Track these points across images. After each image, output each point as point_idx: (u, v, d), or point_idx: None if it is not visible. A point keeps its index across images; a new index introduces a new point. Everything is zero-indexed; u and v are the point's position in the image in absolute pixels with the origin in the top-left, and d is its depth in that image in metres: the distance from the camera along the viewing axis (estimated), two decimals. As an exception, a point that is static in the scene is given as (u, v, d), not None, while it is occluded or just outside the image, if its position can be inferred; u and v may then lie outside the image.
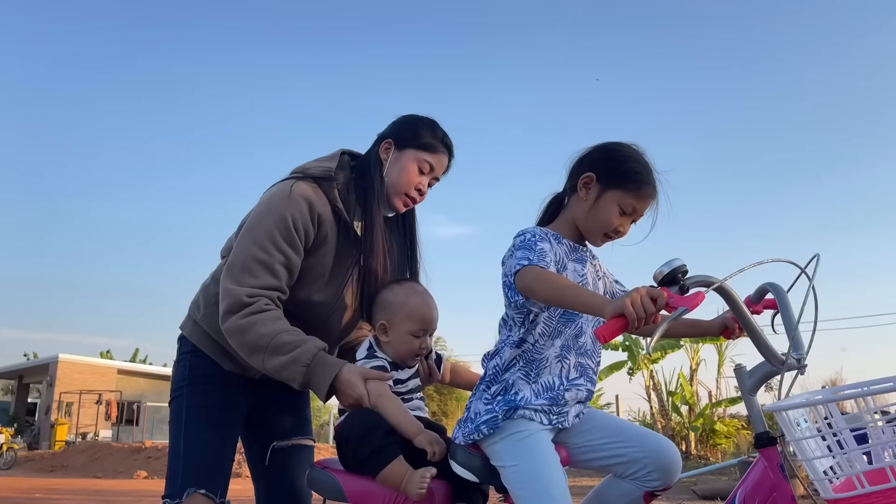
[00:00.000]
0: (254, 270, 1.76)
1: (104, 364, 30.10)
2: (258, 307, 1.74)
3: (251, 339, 1.71)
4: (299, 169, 1.92)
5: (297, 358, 1.70)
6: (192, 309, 2.01)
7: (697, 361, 15.76)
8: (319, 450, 11.86)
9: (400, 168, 1.92)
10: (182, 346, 2.00)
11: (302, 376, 1.70)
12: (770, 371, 1.43)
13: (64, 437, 24.18)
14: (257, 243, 1.77)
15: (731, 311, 1.51)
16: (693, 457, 14.08)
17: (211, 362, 1.93)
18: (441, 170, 1.98)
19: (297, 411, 2.13)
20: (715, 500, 7.63)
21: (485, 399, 1.65)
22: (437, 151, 1.94)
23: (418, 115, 2.00)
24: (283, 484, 2.02)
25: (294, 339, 1.72)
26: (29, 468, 17.42)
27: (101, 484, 12.29)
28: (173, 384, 1.98)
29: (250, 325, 1.71)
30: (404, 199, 1.95)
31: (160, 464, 14.52)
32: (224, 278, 1.78)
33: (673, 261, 1.35)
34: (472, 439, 1.62)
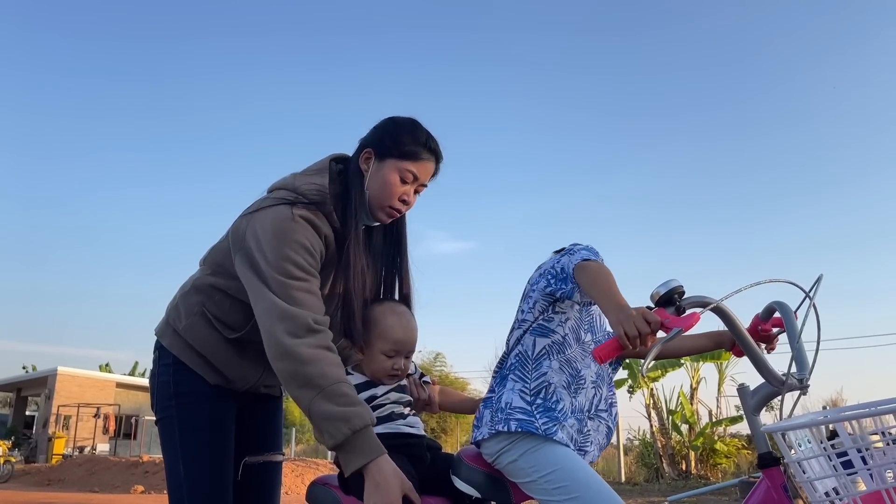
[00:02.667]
0: (300, 298, 1.65)
1: (103, 377, 29.99)
2: (325, 342, 1.64)
3: (310, 374, 1.58)
4: (289, 186, 1.81)
5: (348, 417, 1.56)
6: (172, 317, 1.90)
7: (698, 380, 15.70)
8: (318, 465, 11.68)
9: (381, 180, 1.82)
10: (162, 356, 1.90)
11: (343, 437, 1.56)
12: (771, 391, 1.43)
13: (61, 450, 24.04)
14: (286, 272, 1.67)
15: (729, 331, 1.51)
16: (693, 476, 14.00)
17: (196, 377, 1.85)
18: (427, 176, 1.87)
19: (270, 425, 2.07)
20: (716, 520, 7.58)
21: (521, 393, 1.63)
22: (419, 159, 1.84)
23: (398, 119, 1.89)
24: (254, 500, 1.97)
25: (352, 395, 1.60)
26: (26, 482, 17.30)
27: (97, 498, 12.20)
28: (158, 401, 1.88)
29: (316, 359, 1.59)
30: (388, 212, 1.86)
31: (157, 478, 14.43)
32: (273, 300, 1.65)
33: (670, 281, 1.39)
34: (497, 429, 1.59)
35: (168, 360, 1.88)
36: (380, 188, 1.83)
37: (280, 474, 2.09)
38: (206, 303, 1.86)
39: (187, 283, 1.96)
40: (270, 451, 2.04)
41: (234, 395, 1.91)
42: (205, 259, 1.96)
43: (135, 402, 28.60)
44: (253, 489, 1.97)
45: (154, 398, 1.90)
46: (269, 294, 1.67)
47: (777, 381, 1.40)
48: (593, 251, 1.66)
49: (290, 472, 13.35)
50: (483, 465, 1.63)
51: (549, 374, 1.64)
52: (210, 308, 1.85)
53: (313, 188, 1.80)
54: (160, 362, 1.90)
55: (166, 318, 1.94)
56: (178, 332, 1.87)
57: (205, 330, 1.85)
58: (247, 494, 1.94)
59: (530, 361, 1.66)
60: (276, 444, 2.08)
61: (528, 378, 1.65)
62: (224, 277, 1.84)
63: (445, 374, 30.11)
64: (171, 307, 1.94)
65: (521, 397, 1.63)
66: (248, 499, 1.94)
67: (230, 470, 1.86)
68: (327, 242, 1.80)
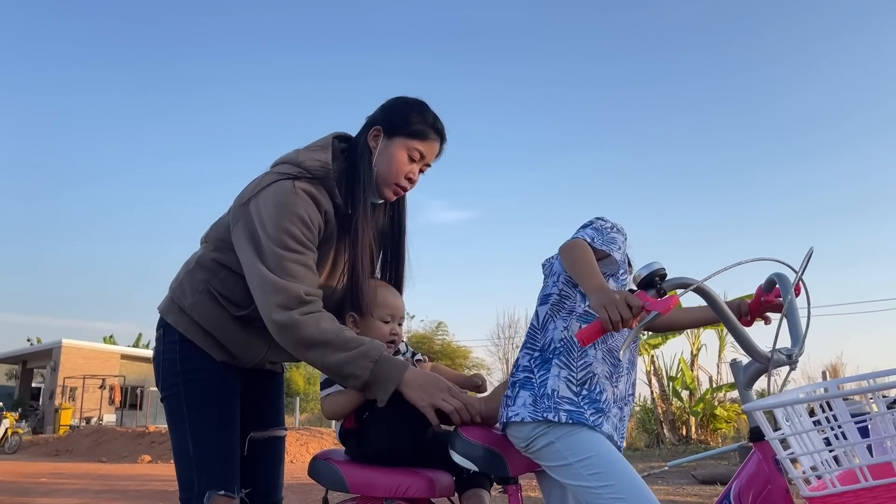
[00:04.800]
0: (294, 270, 1.71)
1: (107, 349, 30.25)
2: (317, 307, 1.71)
3: (311, 334, 1.67)
4: (293, 161, 1.84)
5: (365, 353, 1.67)
6: (176, 293, 1.92)
7: (698, 346, 15.80)
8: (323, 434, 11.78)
9: (389, 157, 1.88)
10: (167, 334, 1.91)
11: (369, 372, 1.66)
12: (760, 367, 1.44)
13: (68, 421, 24.32)
14: (283, 244, 1.71)
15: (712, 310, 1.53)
16: (693, 441, 14.17)
17: (202, 354, 1.87)
18: (432, 156, 1.93)
19: (273, 401, 2.11)
20: (714, 484, 7.67)
21: (567, 381, 1.61)
22: (427, 138, 1.89)
23: (407, 99, 1.94)
24: (259, 475, 2.00)
25: (357, 338, 1.70)
26: (33, 452, 17.54)
27: (105, 468, 12.38)
28: (163, 378, 1.90)
29: (312, 321, 1.67)
30: (394, 189, 1.91)
31: (164, 448, 14.62)
32: (267, 276, 1.70)
33: (651, 264, 1.42)
34: (546, 417, 1.56)
35: (174, 337, 1.89)
36: (387, 165, 1.88)
37: (283, 448, 2.13)
38: (212, 280, 1.87)
39: (191, 260, 1.97)
40: (274, 425, 2.08)
41: (239, 372, 1.94)
42: (207, 235, 1.98)
43: (139, 373, 28.87)
44: (258, 463, 2.01)
45: (159, 376, 1.91)
46: (262, 269, 1.71)
47: (763, 357, 1.42)
48: (600, 229, 1.66)
49: (295, 441, 13.53)
50: (480, 438, 1.65)
51: (594, 364, 1.63)
52: (215, 285, 1.87)
53: (317, 163, 1.83)
54: (165, 340, 1.91)
55: (170, 295, 1.95)
56: (183, 310, 1.89)
57: (211, 307, 1.86)
58: (252, 468, 1.97)
59: (576, 349, 1.64)
60: (278, 419, 2.12)
61: (574, 367, 1.63)
62: (228, 253, 1.86)
63: (448, 342, 30.31)
64: (175, 285, 1.95)
65: (568, 386, 1.60)
66: (253, 473, 1.98)
67: (238, 445, 1.89)
68: (327, 218, 1.83)
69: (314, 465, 1.80)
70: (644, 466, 9.46)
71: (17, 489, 8.53)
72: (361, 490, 1.72)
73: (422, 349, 27.82)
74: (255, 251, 1.75)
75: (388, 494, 1.67)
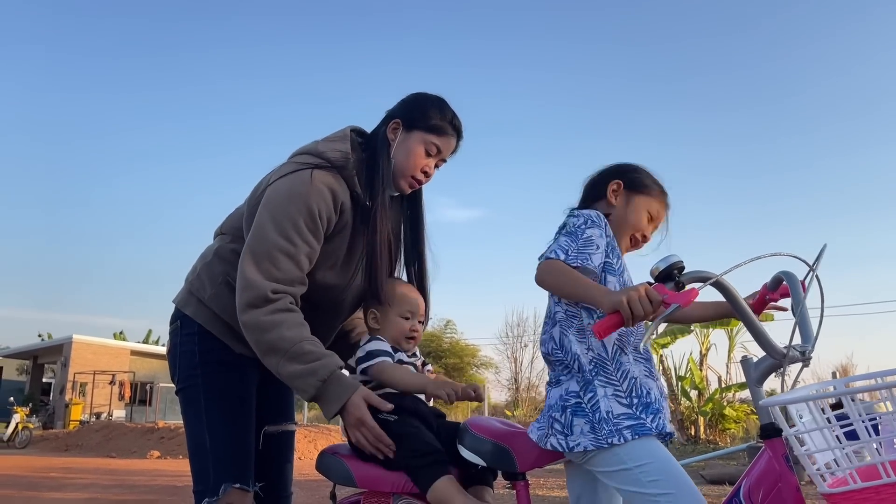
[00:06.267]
0: (279, 262, 1.72)
1: (117, 345, 30.42)
2: (283, 305, 1.71)
3: (271, 340, 1.69)
4: (313, 151, 1.86)
5: (314, 370, 1.68)
6: (195, 286, 1.93)
7: (707, 346, 15.75)
8: (331, 431, 11.82)
9: (407, 150, 1.90)
10: (185, 326, 1.91)
11: (315, 389, 1.68)
12: (773, 364, 1.43)
13: (78, 416, 24.47)
14: (282, 233, 1.73)
15: (729, 305, 1.51)
16: (702, 441, 14.12)
17: (222, 346, 1.88)
18: (448, 152, 1.96)
19: (285, 395, 2.12)
20: (723, 484, 7.65)
21: (616, 397, 1.55)
22: (445, 134, 1.92)
23: (428, 95, 1.97)
24: (271, 469, 2.01)
25: (315, 351, 1.70)
26: (44, 447, 17.67)
27: (115, 463, 12.46)
28: (181, 369, 1.90)
29: (274, 325, 1.69)
30: (410, 181, 1.93)
31: (173, 444, 14.70)
32: (246, 265, 1.73)
33: (669, 257, 1.40)
34: (611, 442, 1.50)
35: (192, 329, 1.89)
36: (405, 157, 1.90)
37: (293, 442, 2.14)
38: (231, 271, 1.87)
39: (208, 252, 1.97)
40: (286, 419, 2.10)
41: (256, 365, 1.93)
42: (223, 226, 1.99)
43: (149, 369, 29.02)
44: (270, 457, 2.01)
45: (176, 368, 1.91)
46: (245, 259, 1.74)
47: (778, 353, 1.40)
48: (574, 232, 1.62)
49: (303, 438, 13.56)
50: (488, 433, 1.65)
51: (631, 369, 1.60)
52: (234, 276, 1.85)
53: (337, 153, 1.85)
54: (183, 331, 1.91)
55: (188, 287, 1.95)
56: (202, 302, 1.89)
57: (230, 299, 1.85)
58: (265, 462, 1.98)
59: (609, 363, 1.59)
60: (290, 413, 2.13)
61: (616, 380, 1.58)
62: (243, 243, 1.85)
63: (456, 340, 30.24)
64: (192, 277, 1.96)
65: (619, 402, 1.55)
66: (266, 466, 1.99)
67: (253, 439, 1.90)
68: (343, 208, 1.84)
69: (322, 460, 1.80)
70: (652, 466, 9.42)
71: (27, 483, 8.60)
72: (369, 485, 1.71)
73: (430, 347, 27.80)
74: (252, 235, 1.78)
75: (395, 489, 1.67)
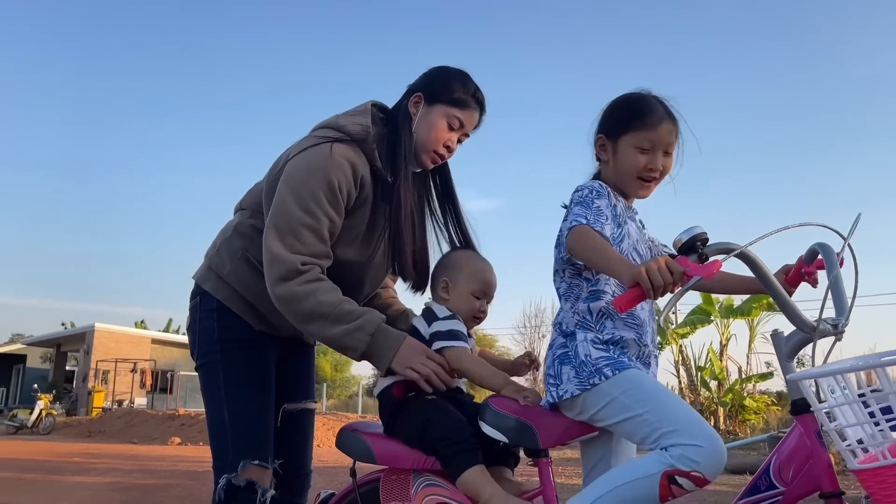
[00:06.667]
0: (303, 236, 1.71)
1: (139, 334, 30.75)
2: (314, 275, 1.71)
3: (311, 307, 1.68)
4: (333, 125, 1.84)
5: (361, 326, 1.68)
6: (214, 261, 1.92)
7: (728, 336, 15.58)
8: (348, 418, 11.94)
9: (429, 124, 1.87)
10: (204, 302, 1.90)
11: (365, 345, 1.68)
12: (804, 338, 1.39)
13: (101, 403, 24.79)
14: (303, 207, 1.71)
15: (756, 277, 1.47)
16: (721, 432, 14.01)
17: (241, 322, 1.87)
18: (471, 126, 1.92)
19: (306, 373, 2.11)
20: (744, 473, 7.57)
21: (594, 343, 1.59)
22: (467, 107, 1.88)
23: (450, 68, 1.93)
24: (291, 447, 2.01)
25: (356, 309, 1.70)
26: (67, 433, 17.93)
27: (136, 449, 12.61)
28: (199, 345, 1.89)
29: (310, 293, 1.68)
30: (432, 156, 1.90)
31: (193, 431, 14.85)
32: (271, 241, 1.71)
33: (693, 228, 1.37)
34: (592, 383, 1.53)
35: (211, 304, 1.88)
36: (427, 131, 1.87)
37: (313, 421, 2.12)
38: (250, 247, 1.86)
39: (227, 227, 1.96)
40: (305, 398, 2.09)
41: (276, 342, 1.94)
42: (242, 201, 1.97)
43: (170, 357, 29.32)
44: (289, 435, 2.01)
45: (196, 344, 1.90)
46: (271, 231, 1.72)
47: (808, 327, 1.36)
48: (585, 202, 1.60)
49: (322, 426, 13.63)
50: (511, 409, 1.62)
51: (616, 331, 1.61)
52: (253, 252, 1.85)
53: (358, 127, 1.83)
54: (202, 308, 1.90)
55: (207, 263, 1.94)
56: (221, 278, 1.88)
57: (249, 274, 1.85)
58: (284, 440, 1.97)
59: (593, 324, 1.62)
60: (310, 392, 2.12)
61: (596, 331, 1.61)
62: (263, 218, 1.84)
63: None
64: (211, 253, 1.95)
65: (597, 347, 1.58)
66: (285, 444, 1.98)
67: (272, 416, 1.89)
68: (363, 182, 1.82)
69: (342, 437, 1.78)
70: (671, 456, 9.36)
71: (51, 467, 8.72)
72: (389, 462, 1.70)
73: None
74: (271, 208, 1.76)
75: (415, 466, 1.65)
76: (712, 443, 1.39)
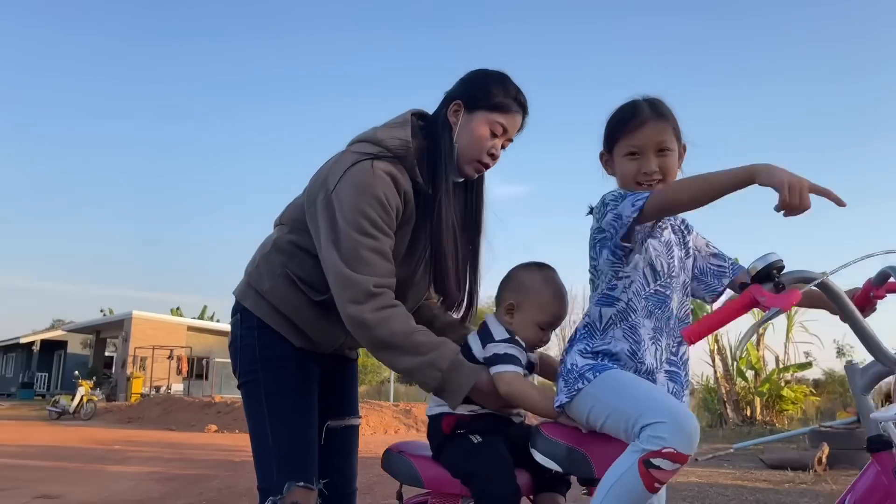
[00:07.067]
0: (368, 258, 1.66)
1: (175, 321, 31.30)
2: (387, 301, 1.66)
3: (383, 336, 1.63)
4: (371, 139, 1.77)
5: (432, 362, 1.62)
6: (253, 277, 1.87)
7: (765, 326, 15.33)
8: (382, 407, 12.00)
9: (471, 132, 1.79)
10: (244, 319, 1.86)
11: (437, 381, 1.63)
12: (883, 371, 1.31)
13: (139, 389, 25.37)
14: (361, 230, 1.66)
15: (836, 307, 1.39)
16: (758, 422, 13.80)
17: (282, 340, 1.83)
18: (514, 130, 1.85)
19: (349, 388, 2.07)
20: (784, 469, 7.41)
21: (582, 353, 1.60)
22: (510, 111, 1.81)
23: (488, 71, 1.85)
24: (336, 465, 1.97)
25: (429, 341, 1.64)
26: (108, 419, 18.36)
27: (174, 436, 12.85)
28: (242, 364, 1.86)
29: (383, 321, 1.63)
30: (476, 166, 1.83)
31: (230, 418, 15.09)
32: (340, 266, 1.65)
33: (768, 255, 1.27)
34: (577, 388, 1.54)
35: (251, 322, 1.85)
36: (469, 141, 1.80)
37: (357, 436, 2.08)
38: (289, 263, 1.83)
39: (267, 242, 1.92)
40: (349, 413, 2.05)
41: (318, 358, 1.90)
42: (282, 216, 1.93)
43: (205, 344, 29.79)
44: (334, 453, 1.97)
45: (237, 362, 1.87)
46: (335, 257, 1.67)
47: (889, 360, 1.28)
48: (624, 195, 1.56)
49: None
50: (563, 436, 1.57)
51: (613, 343, 1.59)
52: (293, 268, 1.82)
53: (397, 141, 1.76)
54: (243, 325, 1.87)
55: (247, 279, 1.91)
56: (261, 294, 1.85)
57: (289, 292, 1.81)
58: (328, 458, 1.94)
59: (598, 332, 1.61)
60: (353, 407, 2.08)
61: (590, 341, 1.62)
62: (304, 235, 1.81)
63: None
64: (251, 269, 1.91)
65: (583, 357, 1.59)
66: (329, 463, 1.94)
67: (316, 434, 1.86)
68: (406, 199, 1.76)
69: (388, 459, 1.75)
70: (708, 448, 9.24)
71: (94, 456, 8.92)
72: (436, 486, 1.66)
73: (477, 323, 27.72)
74: (329, 236, 1.70)
75: (464, 493, 1.61)
76: (675, 415, 1.39)
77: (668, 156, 1.64)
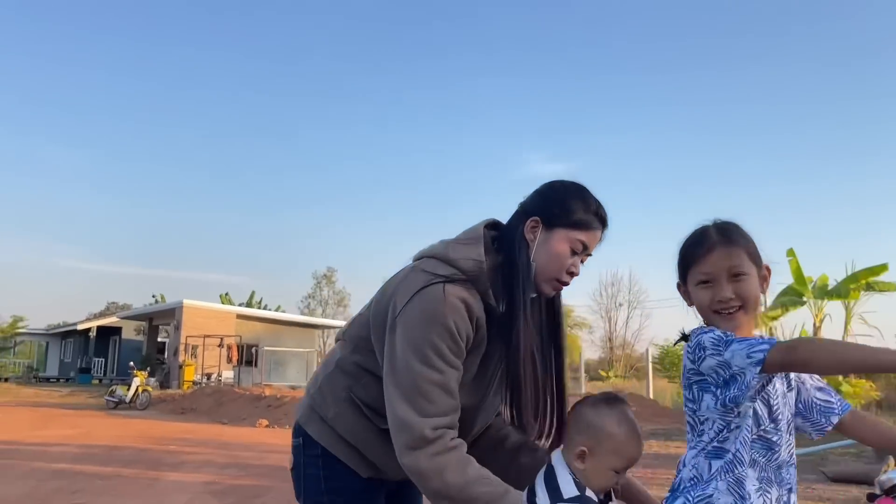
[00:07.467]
0: (430, 395, 1.57)
1: (224, 309, 31.96)
2: (443, 445, 1.56)
3: (438, 487, 1.54)
4: (443, 257, 1.66)
5: None
6: (317, 401, 1.80)
7: (822, 318, 14.87)
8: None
9: (549, 251, 1.69)
10: (307, 446, 1.80)
11: None
12: None
13: (191, 377, 26.04)
14: (426, 362, 1.56)
15: None
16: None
17: (347, 471, 1.76)
18: (594, 245, 1.74)
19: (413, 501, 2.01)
20: (848, 483, 7.13)
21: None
22: (591, 228, 1.70)
23: (566, 184, 1.75)
24: None
25: (487, 491, 1.53)
26: (162, 409, 18.89)
27: (226, 433, 13.11)
28: (306, 494, 1.80)
29: (437, 471, 1.54)
30: (554, 284, 1.72)
31: (280, 413, 15.36)
32: (397, 404, 1.58)
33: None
34: None
35: (315, 451, 1.78)
36: (548, 260, 1.70)
37: None
38: (354, 386, 1.74)
39: (329, 361, 1.84)
40: None
41: (385, 485, 1.83)
42: (345, 332, 1.84)
43: (253, 331, 30.39)
44: None
45: (302, 490, 1.82)
46: (393, 392, 1.59)
47: None
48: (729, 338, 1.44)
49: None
50: None
51: (715, 495, 1.48)
52: (358, 392, 1.73)
53: (470, 262, 1.65)
54: (306, 452, 1.80)
55: (310, 402, 1.83)
56: (325, 421, 1.77)
57: (355, 419, 1.73)
58: None
59: (702, 484, 1.51)
60: None
61: (693, 494, 1.51)
62: (369, 355, 1.72)
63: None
64: (313, 390, 1.83)
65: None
66: None
67: None
68: (478, 324, 1.65)
69: None
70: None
71: (149, 460, 9.12)
72: None
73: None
74: (390, 364, 1.61)
75: None
76: None
77: (744, 280, 1.52)
